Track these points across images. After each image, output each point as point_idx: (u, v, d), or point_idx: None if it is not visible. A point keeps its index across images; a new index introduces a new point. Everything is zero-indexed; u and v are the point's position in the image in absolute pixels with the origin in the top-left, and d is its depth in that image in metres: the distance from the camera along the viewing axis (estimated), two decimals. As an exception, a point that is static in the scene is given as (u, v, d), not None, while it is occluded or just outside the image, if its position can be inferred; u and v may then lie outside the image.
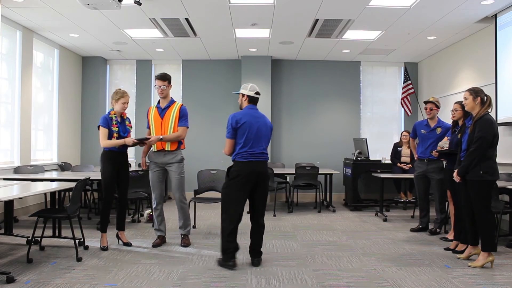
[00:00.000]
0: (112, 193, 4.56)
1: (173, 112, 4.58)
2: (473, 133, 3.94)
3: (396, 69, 9.06)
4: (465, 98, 4.07)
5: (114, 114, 4.53)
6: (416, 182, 5.58)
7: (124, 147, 4.57)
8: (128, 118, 4.77)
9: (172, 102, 4.65)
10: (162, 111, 4.60)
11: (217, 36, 7.13)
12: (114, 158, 4.51)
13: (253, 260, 3.97)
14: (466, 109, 4.14)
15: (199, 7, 5.71)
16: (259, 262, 3.94)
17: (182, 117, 4.59)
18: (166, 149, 4.55)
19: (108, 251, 4.40)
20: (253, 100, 4.02)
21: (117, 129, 4.48)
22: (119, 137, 4.48)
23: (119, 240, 4.70)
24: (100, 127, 4.45)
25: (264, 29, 6.74)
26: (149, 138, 4.49)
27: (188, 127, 4.66)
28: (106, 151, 4.50)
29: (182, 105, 4.69)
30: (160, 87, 4.56)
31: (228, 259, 3.84)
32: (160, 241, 4.70)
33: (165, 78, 4.59)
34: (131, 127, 4.75)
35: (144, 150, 4.83)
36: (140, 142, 4.54)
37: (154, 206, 4.72)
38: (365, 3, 5.48)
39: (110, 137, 4.44)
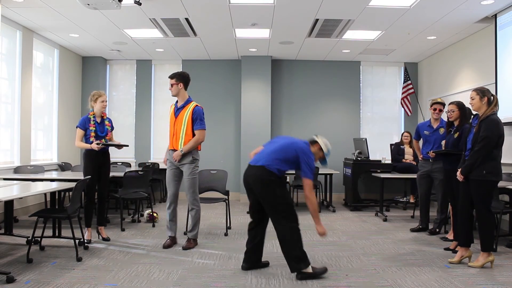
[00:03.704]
0: (93, 190, 4.78)
1: (187, 113, 4.46)
2: (478, 133, 3.92)
3: (396, 69, 9.06)
4: (472, 98, 4.04)
5: (93, 114, 4.78)
6: (419, 181, 5.58)
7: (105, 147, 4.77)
8: (108, 118, 4.97)
9: (188, 101, 4.53)
10: (177, 111, 4.53)
11: (217, 36, 7.13)
12: (94, 157, 4.73)
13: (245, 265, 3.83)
14: (472, 109, 4.11)
15: (199, 7, 5.71)
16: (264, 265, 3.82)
17: (196, 119, 4.45)
18: (178, 149, 4.45)
19: (107, 250, 4.40)
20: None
21: (94, 129, 4.73)
22: (96, 137, 4.72)
23: (99, 235, 4.88)
24: (77, 128, 4.74)
25: (264, 29, 6.74)
26: (117, 143, 4.76)
27: (205, 129, 4.52)
28: (87, 151, 4.73)
29: (197, 105, 4.53)
30: (171, 85, 4.52)
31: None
32: (171, 242, 4.60)
33: (172, 76, 4.52)
34: (110, 126, 4.92)
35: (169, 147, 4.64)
36: (108, 146, 4.75)
37: (167, 205, 4.61)
38: (365, 3, 5.48)
39: (88, 136, 4.71)
